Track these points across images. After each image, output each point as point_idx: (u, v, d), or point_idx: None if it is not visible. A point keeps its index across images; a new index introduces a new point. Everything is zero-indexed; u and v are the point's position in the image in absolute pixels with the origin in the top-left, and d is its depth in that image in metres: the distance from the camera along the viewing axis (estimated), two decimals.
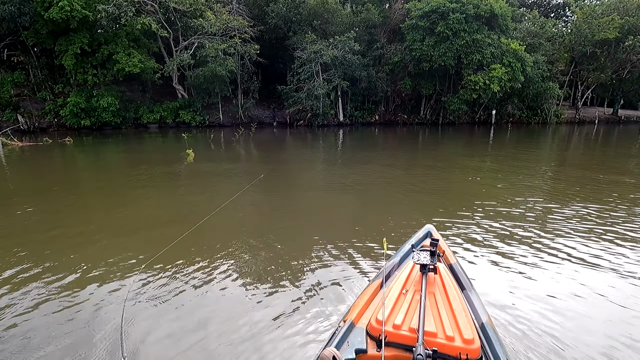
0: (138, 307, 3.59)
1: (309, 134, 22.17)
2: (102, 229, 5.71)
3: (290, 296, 3.76)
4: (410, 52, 24.78)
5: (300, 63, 24.27)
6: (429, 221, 4.15)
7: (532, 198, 7.42)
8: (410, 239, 3.29)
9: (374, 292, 2.62)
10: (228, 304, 3.64)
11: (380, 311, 2.22)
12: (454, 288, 2.48)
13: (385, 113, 29.16)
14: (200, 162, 11.45)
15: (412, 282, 2.53)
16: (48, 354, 2.96)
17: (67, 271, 4.24)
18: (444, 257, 2.95)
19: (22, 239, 5.23)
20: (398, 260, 2.97)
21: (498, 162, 12.33)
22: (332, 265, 4.44)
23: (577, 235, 5.34)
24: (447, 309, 2.28)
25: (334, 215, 6.62)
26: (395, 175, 9.86)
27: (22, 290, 3.86)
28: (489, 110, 28.70)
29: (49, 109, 21.52)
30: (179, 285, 3.98)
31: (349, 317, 2.39)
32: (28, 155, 12.69)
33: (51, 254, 4.69)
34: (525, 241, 5.20)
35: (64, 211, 6.68)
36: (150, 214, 6.58)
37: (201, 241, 5.08)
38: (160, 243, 4.66)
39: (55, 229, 5.71)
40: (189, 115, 24.28)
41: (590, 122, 32.29)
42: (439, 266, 2.59)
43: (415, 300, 2.34)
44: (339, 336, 2.21)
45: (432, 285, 2.49)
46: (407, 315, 2.23)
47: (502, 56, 24.16)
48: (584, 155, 14.56)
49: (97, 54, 20.91)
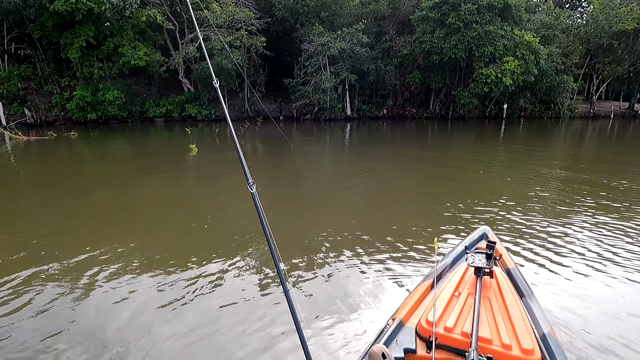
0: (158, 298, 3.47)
1: (315, 128, 21.83)
2: (92, 224, 5.51)
3: (331, 291, 3.75)
4: (420, 44, 24.18)
5: (307, 56, 23.84)
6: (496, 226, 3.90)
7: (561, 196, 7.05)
8: (463, 240, 3.20)
9: (424, 293, 2.57)
10: (265, 296, 3.66)
11: (431, 312, 2.18)
12: (511, 294, 2.37)
13: (393, 107, 28.64)
14: (204, 156, 11.22)
15: (465, 284, 2.46)
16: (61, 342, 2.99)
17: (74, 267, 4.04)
18: (500, 260, 2.83)
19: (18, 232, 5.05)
20: (450, 261, 2.90)
21: (515, 157, 11.90)
22: (377, 262, 4.38)
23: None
24: (504, 315, 2.19)
25: (365, 211, 6.50)
26: (423, 171, 9.53)
27: (32, 287, 3.82)
28: (500, 105, 28.02)
29: (56, 103, 21.46)
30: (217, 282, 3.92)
31: (398, 315, 2.36)
32: (31, 150, 12.59)
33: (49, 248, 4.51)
34: (577, 242, 4.87)
35: (57, 206, 6.51)
36: (154, 209, 6.37)
37: (227, 237, 4.97)
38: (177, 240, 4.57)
39: (45, 226, 5.53)
40: (195, 109, 24.07)
41: (605, 117, 31.39)
42: (496, 270, 2.49)
43: (468, 304, 2.27)
44: (388, 334, 2.18)
45: (487, 289, 2.40)
46: (460, 318, 2.17)
47: (515, 48, 23.44)
48: (610, 152, 14.02)
49: (102, 47, 20.71)
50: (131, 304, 3.55)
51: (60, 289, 3.79)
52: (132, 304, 3.54)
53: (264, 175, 9.17)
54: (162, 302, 3.56)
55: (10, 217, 5.95)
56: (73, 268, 4.23)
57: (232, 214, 6.28)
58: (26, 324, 3.23)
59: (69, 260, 4.38)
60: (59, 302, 3.57)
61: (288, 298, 1.77)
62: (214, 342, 3.03)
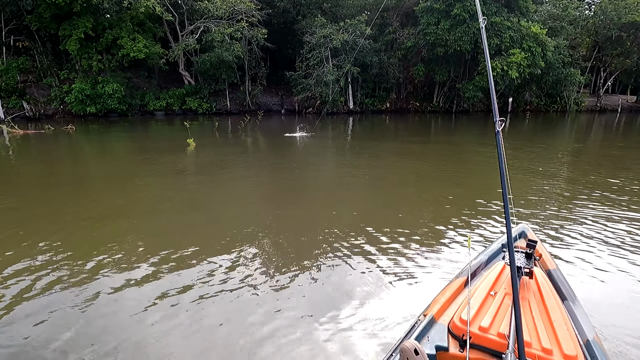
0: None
1: (317, 122, 21.50)
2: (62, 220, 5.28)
3: (363, 285, 3.75)
4: (424, 36, 23.70)
5: (309, 48, 23.44)
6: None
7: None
8: (500, 237, 3.08)
9: (458, 290, 2.50)
10: (304, 290, 3.67)
11: (465, 310, 2.12)
12: (552, 296, 2.27)
13: (396, 100, 28.22)
14: (201, 152, 10.96)
15: (501, 284, 2.37)
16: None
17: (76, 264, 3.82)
18: (541, 261, 2.73)
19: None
20: (486, 259, 2.82)
21: (532, 154, 11.58)
22: (408, 256, 4.34)
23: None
24: (545, 318, 2.11)
25: (389, 206, 6.36)
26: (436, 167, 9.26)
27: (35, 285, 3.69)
28: (505, 98, 27.54)
29: (55, 96, 21.22)
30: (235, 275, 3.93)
31: (430, 311, 2.31)
32: (26, 143, 12.37)
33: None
34: (620, 243, 4.62)
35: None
36: (152, 205, 6.14)
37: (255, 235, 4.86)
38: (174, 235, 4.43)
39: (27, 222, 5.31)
40: (196, 103, 23.79)
41: (612, 111, 30.86)
42: (535, 271, 2.39)
43: (505, 304, 2.18)
44: (419, 329, 2.14)
45: (526, 290, 2.31)
46: (496, 318, 2.09)
47: (522, 40, 22.93)
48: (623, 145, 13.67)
49: (101, 38, 20.41)
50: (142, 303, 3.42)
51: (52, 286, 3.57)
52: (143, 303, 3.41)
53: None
54: (159, 298, 3.47)
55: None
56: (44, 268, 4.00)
57: (229, 213, 6.04)
58: (27, 325, 3.13)
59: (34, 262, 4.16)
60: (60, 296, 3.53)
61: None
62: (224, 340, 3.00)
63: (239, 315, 3.24)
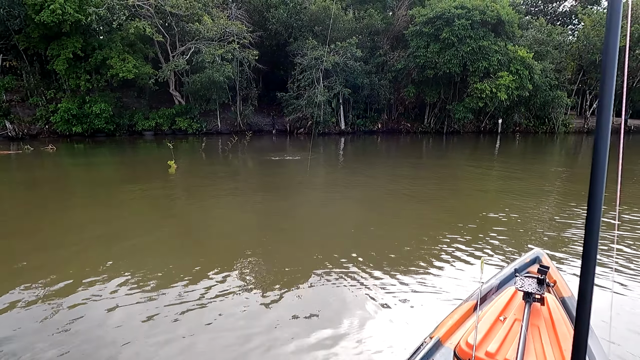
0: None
1: (309, 143, 21.32)
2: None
3: (366, 306, 3.70)
4: (414, 58, 24.04)
5: (300, 69, 23.56)
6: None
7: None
8: (513, 262, 3.04)
9: (466, 313, 2.46)
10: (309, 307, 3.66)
11: (472, 334, 2.06)
12: (564, 324, 2.16)
13: (388, 121, 28.34)
14: (181, 176, 10.50)
15: (512, 309, 2.31)
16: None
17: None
18: (555, 287, 2.65)
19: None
20: (497, 283, 2.77)
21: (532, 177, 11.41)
22: (413, 278, 4.28)
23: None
24: (555, 347, 2.02)
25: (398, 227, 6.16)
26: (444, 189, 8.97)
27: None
28: (495, 119, 27.85)
29: (40, 115, 20.80)
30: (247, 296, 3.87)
31: (436, 334, 2.28)
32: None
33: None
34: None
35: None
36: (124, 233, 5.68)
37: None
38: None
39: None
40: (186, 123, 23.51)
41: None
42: (548, 297, 2.31)
43: (514, 330, 2.12)
44: (424, 351, 2.12)
45: (537, 317, 2.23)
46: (504, 344, 2.03)
47: (510, 63, 23.37)
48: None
49: (90, 58, 20.21)
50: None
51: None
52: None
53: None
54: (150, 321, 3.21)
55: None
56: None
57: (205, 247, 5.62)
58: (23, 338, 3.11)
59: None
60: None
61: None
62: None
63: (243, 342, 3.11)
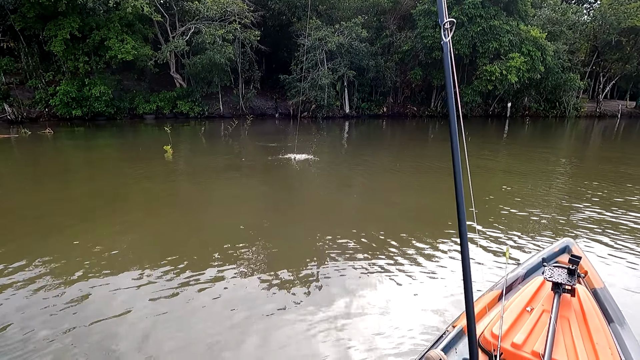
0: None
1: (313, 126, 20.86)
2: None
3: (387, 292, 3.67)
4: (421, 39, 23.19)
5: (304, 51, 22.84)
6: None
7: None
8: (540, 251, 2.93)
9: (491, 303, 2.38)
10: (337, 294, 3.65)
11: (497, 324, 2.01)
12: (597, 317, 2.11)
13: (393, 105, 27.67)
14: (178, 162, 10.18)
15: (539, 300, 2.26)
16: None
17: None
18: (586, 278, 2.55)
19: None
20: (523, 273, 2.68)
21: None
22: (434, 265, 4.19)
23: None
24: (586, 339, 1.97)
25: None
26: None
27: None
28: (504, 103, 27.08)
29: (40, 98, 20.46)
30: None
31: (459, 323, 2.22)
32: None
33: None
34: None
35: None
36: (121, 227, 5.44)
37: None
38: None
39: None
40: (187, 106, 23.09)
41: (611, 116, 30.44)
42: (579, 288, 2.24)
43: (542, 322, 2.07)
44: (446, 340, 2.07)
45: (566, 308, 2.17)
46: (531, 336, 1.98)
47: (521, 44, 22.47)
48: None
49: (88, 39, 19.69)
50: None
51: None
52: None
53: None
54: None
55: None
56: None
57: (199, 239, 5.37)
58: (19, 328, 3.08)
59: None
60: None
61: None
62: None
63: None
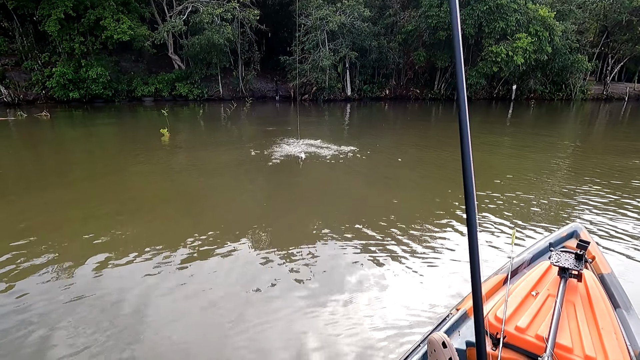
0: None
1: (313, 109, 20.53)
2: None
3: (390, 276, 3.70)
4: (425, 19, 22.52)
5: (304, 31, 22.26)
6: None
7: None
8: (547, 236, 2.92)
9: (495, 287, 2.37)
10: (342, 277, 3.66)
11: (501, 308, 2.02)
12: (603, 302, 2.10)
13: (396, 87, 27.15)
14: (174, 145, 9.98)
15: (545, 284, 2.24)
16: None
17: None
18: (593, 264, 2.55)
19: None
20: (529, 257, 2.68)
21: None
22: (438, 249, 4.20)
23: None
24: (591, 324, 1.97)
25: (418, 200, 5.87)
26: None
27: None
28: (508, 85, 26.53)
29: (36, 80, 20.11)
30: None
31: (463, 306, 2.23)
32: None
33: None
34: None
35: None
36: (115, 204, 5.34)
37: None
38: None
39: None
40: (186, 88, 22.70)
41: (618, 99, 29.86)
42: (586, 274, 2.23)
43: (547, 306, 2.08)
44: (450, 323, 2.08)
45: (572, 293, 2.16)
46: (535, 320, 1.99)
47: (529, 24, 21.80)
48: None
49: (83, 19, 19.18)
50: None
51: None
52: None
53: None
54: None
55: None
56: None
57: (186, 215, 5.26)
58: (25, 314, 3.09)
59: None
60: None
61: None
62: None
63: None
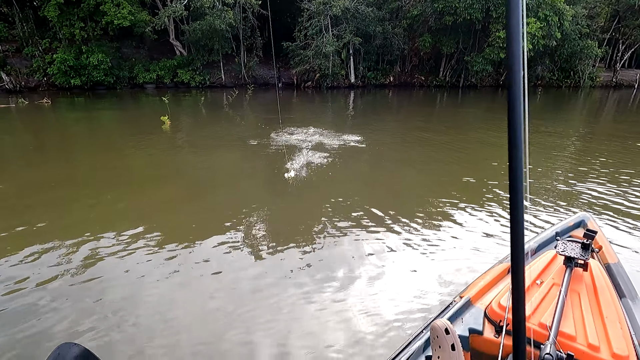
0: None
1: (316, 96, 20.29)
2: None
3: (395, 263, 3.72)
4: (432, 3, 21.96)
5: (308, 16, 21.84)
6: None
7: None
8: (554, 225, 2.90)
9: (500, 275, 2.36)
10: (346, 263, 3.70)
11: (505, 296, 2.03)
12: (608, 292, 2.08)
13: (400, 74, 26.72)
14: (175, 134, 9.91)
15: (550, 273, 2.24)
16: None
17: None
18: (600, 253, 2.53)
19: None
20: (535, 246, 2.66)
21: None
22: (444, 237, 4.22)
23: None
24: (596, 314, 1.96)
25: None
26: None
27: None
28: None
29: (37, 67, 19.97)
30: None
31: (467, 294, 2.22)
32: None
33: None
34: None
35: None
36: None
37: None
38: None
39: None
40: (188, 75, 22.48)
41: (628, 87, 29.24)
42: (591, 263, 2.21)
43: (551, 295, 2.07)
44: (453, 310, 2.08)
45: (577, 282, 2.15)
46: (539, 308, 1.98)
47: (538, 8, 21.19)
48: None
49: (82, 4, 18.89)
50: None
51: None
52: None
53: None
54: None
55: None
56: None
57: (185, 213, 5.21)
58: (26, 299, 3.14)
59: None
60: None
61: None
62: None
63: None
